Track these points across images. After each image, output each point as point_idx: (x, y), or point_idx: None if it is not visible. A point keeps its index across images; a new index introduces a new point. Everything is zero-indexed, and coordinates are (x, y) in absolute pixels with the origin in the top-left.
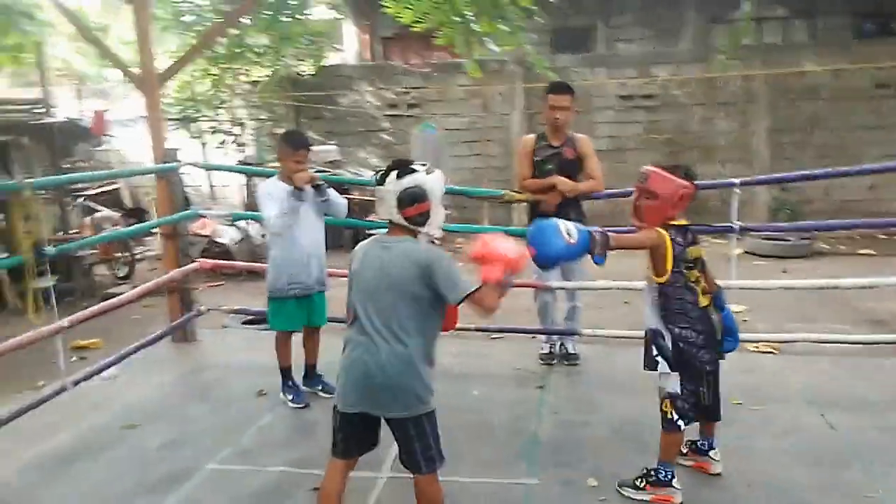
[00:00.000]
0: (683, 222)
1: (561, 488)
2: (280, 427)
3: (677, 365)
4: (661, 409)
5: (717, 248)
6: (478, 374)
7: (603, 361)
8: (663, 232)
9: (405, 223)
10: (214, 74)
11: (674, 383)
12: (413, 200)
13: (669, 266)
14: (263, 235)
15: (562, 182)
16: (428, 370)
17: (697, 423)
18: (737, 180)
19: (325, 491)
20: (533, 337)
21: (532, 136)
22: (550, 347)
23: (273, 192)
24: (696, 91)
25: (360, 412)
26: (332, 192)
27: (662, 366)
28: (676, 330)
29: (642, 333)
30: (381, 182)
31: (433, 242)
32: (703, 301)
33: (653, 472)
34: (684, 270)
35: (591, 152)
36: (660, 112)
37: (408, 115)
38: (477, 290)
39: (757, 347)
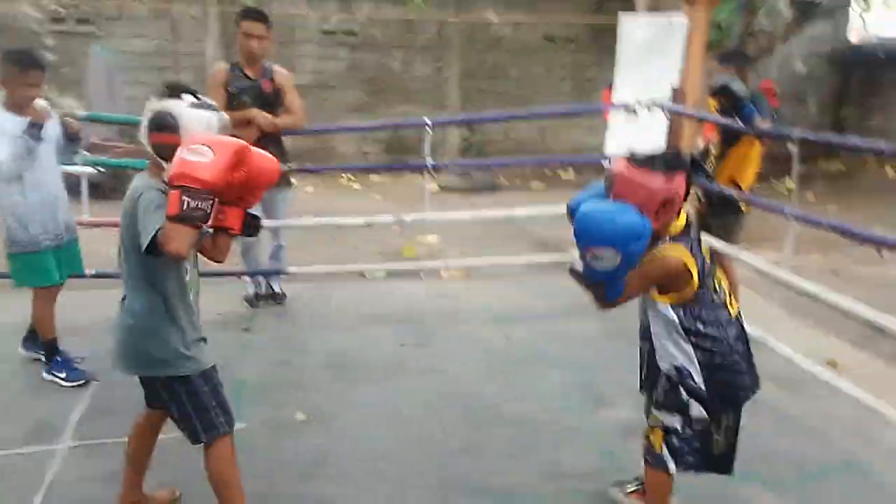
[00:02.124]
0: (682, 222)
1: (268, 428)
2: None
3: (717, 403)
4: (647, 438)
5: (416, 183)
6: None
7: (311, 299)
8: (681, 254)
9: (150, 150)
10: None
11: (673, 417)
12: (160, 128)
13: (696, 285)
14: None
15: (259, 116)
16: (169, 325)
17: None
18: (429, 120)
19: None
20: (239, 278)
21: (225, 65)
22: (255, 288)
23: (1, 128)
24: (396, 33)
25: None
26: None
27: (696, 409)
28: (717, 359)
29: (349, 268)
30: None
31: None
32: (734, 308)
33: None
34: (707, 281)
35: (290, 86)
36: (362, 51)
37: (78, 33)
38: (159, 230)
39: (449, 274)
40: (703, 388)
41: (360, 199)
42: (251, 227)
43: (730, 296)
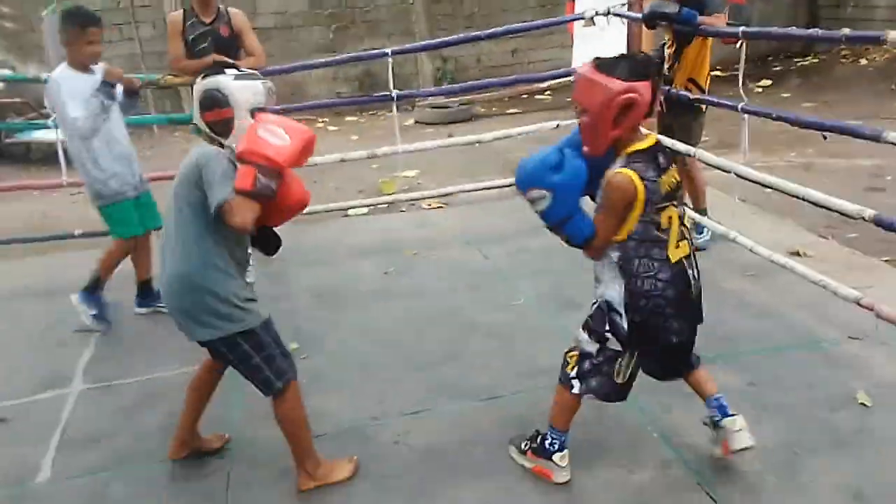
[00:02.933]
0: (649, 142)
1: None
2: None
3: (635, 342)
4: (565, 358)
5: (392, 120)
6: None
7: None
8: (630, 175)
9: (206, 129)
10: None
11: (591, 344)
12: (212, 104)
13: (636, 216)
14: None
15: (220, 61)
16: (225, 283)
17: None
18: (388, 50)
19: (190, 382)
20: None
21: (179, 12)
22: None
23: (73, 88)
24: None
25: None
26: None
27: (613, 342)
28: (641, 301)
29: (331, 206)
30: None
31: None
32: (676, 253)
33: (538, 437)
34: (653, 216)
35: (247, 27)
36: None
37: None
38: (226, 199)
39: (429, 205)
40: (624, 326)
41: (336, 140)
42: (272, 244)
43: (682, 238)
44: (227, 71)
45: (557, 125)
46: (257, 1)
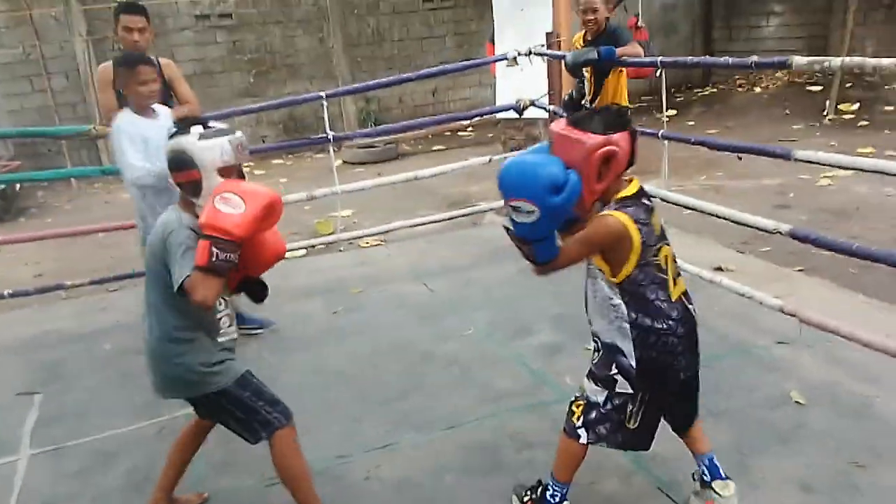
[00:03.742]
0: (633, 189)
1: None
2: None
3: (646, 383)
4: (570, 407)
5: (319, 161)
6: (105, 329)
7: None
8: (621, 217)
9: (179, 190)
10: None
11: (599, 393)
12: (179, 166)
13: (636, 259)
14: None
15: (184, 117)
16: (191, 354)
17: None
18: (323, 93)
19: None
20: None
21: (109, 63)
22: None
23: (133, 133)
24: (272, 9)
25: None
26: None
27: (622, 385)
28: (651, 339)
29: None
30: (170, 137)
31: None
32: (676, 291)
33: (539, 488)
34: (652, 258)
35: (179, 76)
36: (240, 32)
37: None
38: (187, 277)
39: (367, 243)
40: (633, 366)
41: (265, 185)
42: (260, 294)
43: (678, 275)
44: (193, 129)
45: (490, 159)
46: (176, 49)
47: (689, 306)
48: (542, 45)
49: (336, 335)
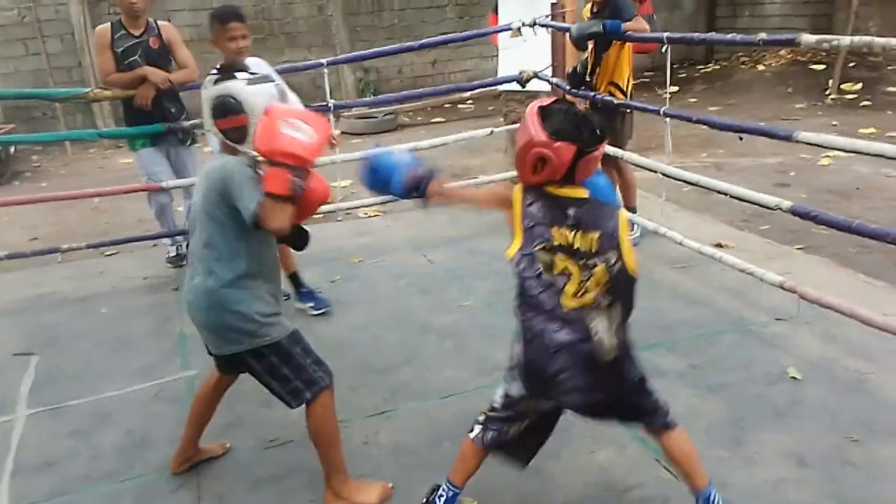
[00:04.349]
0: (566, 192)
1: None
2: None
3: (527, 383)
4: None
5: None
6: (102, 293)
7: None
8: (515, 189)
9: (221, 137)
10: None
11: (499, 389)
12: (225, 111)
13: (517, 237)
14: None
15: (153, 73)
16: (250, 302)
17: None
18: (324, 61)
19: (197, 394)
20: (154, 244)
21: (107, 25)
22: (178, 249)
23: None
24: None
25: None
26: None
27: (516, 387)
28: (527, 333)
29: None
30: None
31: (257, 163)
32: (568, 302)
33: (434, 490)
34: (535, 251)
35: (178, 40)
36: None
37: None
38: (259, 205)
39: (367, 213)
40: (520, 354)
41: None
42: (303, 240)
43: (582, 291)
44: (238, 75)
45: (492, 131)
46: (173, 14)
47: (589, 326)
48: (548, 17)
49: (335, 304)
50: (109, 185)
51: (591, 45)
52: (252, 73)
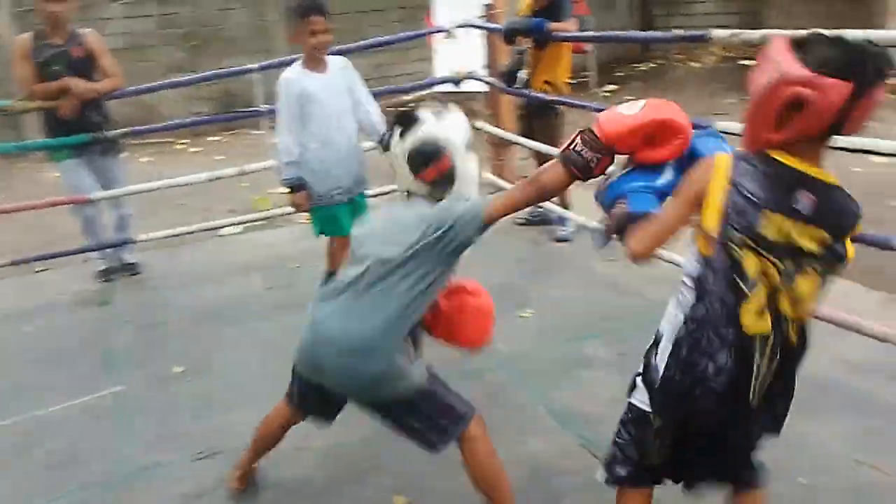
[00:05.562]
0: (816, 173)
1: (149, 385)
2: None
3: (658, 402)
4: None
5: (257, 138)
6: (28, 310)
7: (165, 263)
8: (719, 157)
9: (428, 191)
10: None
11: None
12: (427, 159)
13: (713, 223)
14: None
15: (76, 84)
16: (401, 344)
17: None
18: (255, 66)
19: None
20: (84, 261)
21: (27, 35)
22: (106, 263)
23: (291, 91)
24: None
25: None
26: None
27: (639, 393)
28: (684, 350)
29: (202, 226)
30: (387, 147)
31: None
32: (753, 324)
33: None
34: (735, 247)
35: (102, 48)
36: (173, 4)
37: None
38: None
39: (306, 219)
40: (658, 375)
41: (201, 161)
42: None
43: (758, 313)
44: (420, 114)
45: None
46: (104, 23)
47: (757, 354)
48: (481, 17)
49: (272, 310)
50: (39, 200)
51: (527, 45)
52: (431, 109)
